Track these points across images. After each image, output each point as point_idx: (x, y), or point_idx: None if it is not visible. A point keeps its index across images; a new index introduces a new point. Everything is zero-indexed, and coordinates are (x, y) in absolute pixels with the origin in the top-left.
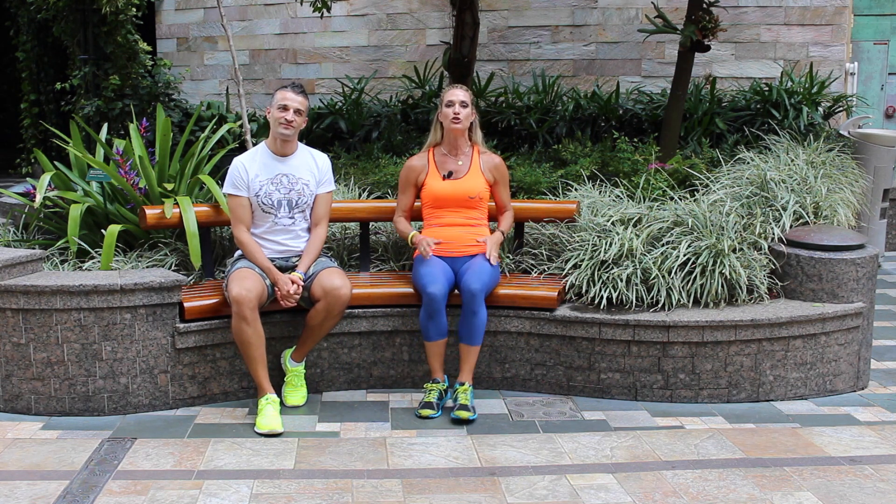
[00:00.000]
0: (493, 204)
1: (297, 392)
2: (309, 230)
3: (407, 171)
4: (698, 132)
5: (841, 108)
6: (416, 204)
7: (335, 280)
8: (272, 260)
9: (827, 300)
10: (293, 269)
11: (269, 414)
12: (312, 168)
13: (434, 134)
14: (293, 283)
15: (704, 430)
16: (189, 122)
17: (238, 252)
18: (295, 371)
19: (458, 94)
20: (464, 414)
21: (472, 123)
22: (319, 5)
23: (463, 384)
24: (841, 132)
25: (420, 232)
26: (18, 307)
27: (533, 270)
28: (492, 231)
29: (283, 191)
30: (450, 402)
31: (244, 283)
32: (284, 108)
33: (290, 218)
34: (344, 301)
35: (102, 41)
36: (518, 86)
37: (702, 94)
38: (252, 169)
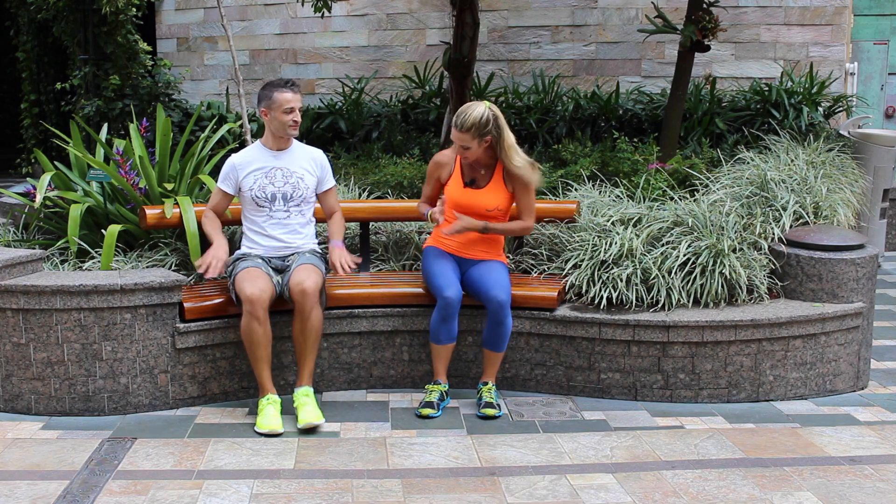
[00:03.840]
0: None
1: (305, 409)
2: (304, 226)
3: (434, 165)
4: (698, 132)
5: (841, 108)
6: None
7: (300, 274)
8: (269, 259)
9: (827, 300)
10: (287, 268)
11: (269, 414)
12: (309, 165)
13: None
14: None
15: (704, 430)
16: (189, 122)
17: (238, 252)
18: (302, 392)
19: (458, 136)
20: (490, 411)
21: (494, 143)
22: (320, 5)
23: (487, 383)
24: (841, 132)
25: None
26: (18, 307)
27: (533, 270)
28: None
29: (278, 184)
30: (453, 403)
31: (258, 283)
32: (291, 110)
33: (286, 211)
34: (306, 293)
35: (102, 41)
36: (518, 86)
37: (702, 94)
38: (244, 166)
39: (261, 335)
